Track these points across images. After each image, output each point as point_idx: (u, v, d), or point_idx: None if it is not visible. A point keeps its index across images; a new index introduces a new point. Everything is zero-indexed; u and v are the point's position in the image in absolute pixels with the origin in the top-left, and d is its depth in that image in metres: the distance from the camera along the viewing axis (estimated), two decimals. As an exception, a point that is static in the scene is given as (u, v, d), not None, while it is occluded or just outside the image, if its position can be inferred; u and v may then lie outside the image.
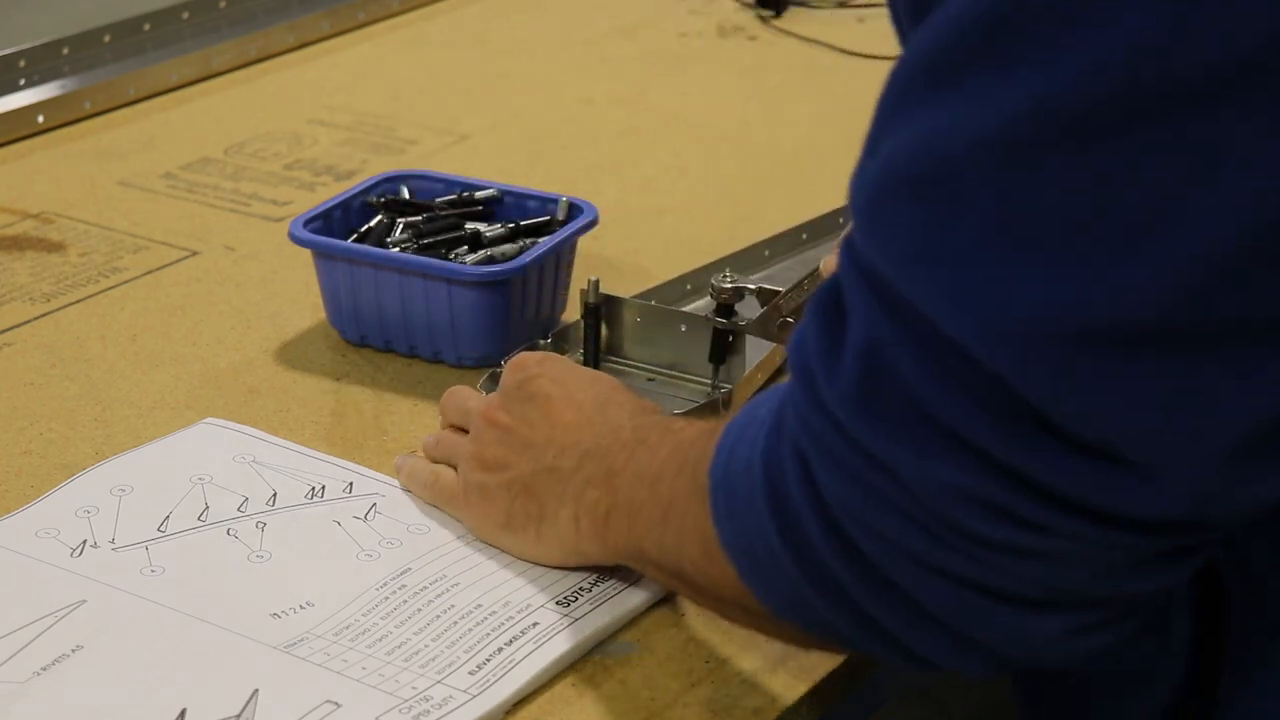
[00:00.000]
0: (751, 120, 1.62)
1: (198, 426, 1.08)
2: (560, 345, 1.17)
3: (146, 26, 1.67)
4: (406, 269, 1.14)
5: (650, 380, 1.15)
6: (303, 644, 0.89)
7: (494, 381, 1.07)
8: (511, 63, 1.75)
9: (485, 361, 1.13)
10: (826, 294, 0.73)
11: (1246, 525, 0.75)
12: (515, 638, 0.90)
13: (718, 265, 1.26)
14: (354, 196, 1.22)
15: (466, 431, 1.00)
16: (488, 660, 0.88)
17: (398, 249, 1.17)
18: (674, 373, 1.15)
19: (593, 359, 1.16)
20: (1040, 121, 0.64)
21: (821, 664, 0.90)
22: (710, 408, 1.09)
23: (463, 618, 0.91)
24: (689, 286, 1.23)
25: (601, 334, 1.16)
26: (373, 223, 1.21)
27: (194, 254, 1.32)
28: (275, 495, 1.01)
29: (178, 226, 1.36)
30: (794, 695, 0.88)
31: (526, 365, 0.98)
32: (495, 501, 0.95)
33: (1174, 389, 0.65)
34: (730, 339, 1.12)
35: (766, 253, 1.30)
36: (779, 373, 1.14)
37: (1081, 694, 0.88)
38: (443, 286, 1.13)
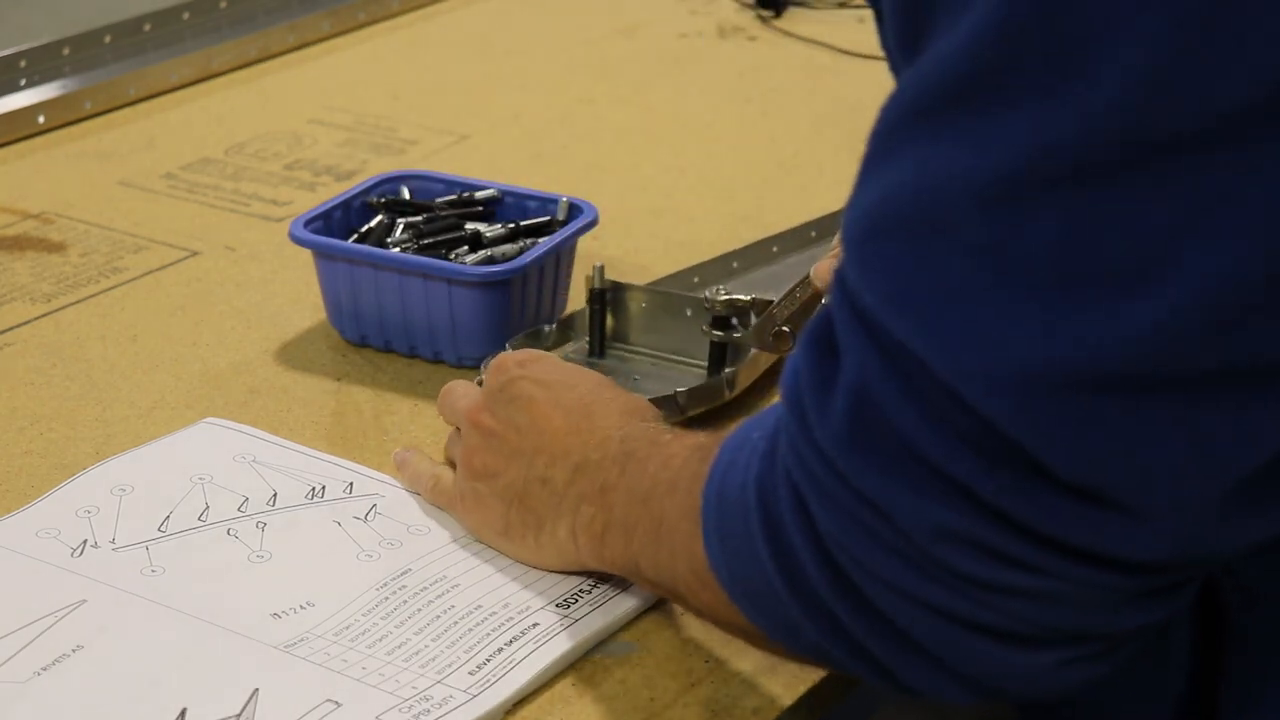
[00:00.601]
0: (751, 120, 1.62)
1: (198, 426, 1.08)
2: (566, 332, 1.17)
3: (147, 27, 1.67)
4: (407, 269, 1.14)
5: (654, 365, 1.16)
6: (303, 644, 0.89)
7: None
8: (511, 63, 1.75)
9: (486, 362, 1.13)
10: (819, 327, 0.73)
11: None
12: (515, 638, 0.90)
13: (725, 260, 1.26)
14: (354, 197, 1.22)
15: (463, 431, 1.00)
16: (488, 660, 0.88)
17: (398, 249, 1.17)
18: (679, 358, 1.16)
19: (598, 345, 1.16)
20: (1034, 165, 0.64)
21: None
22: (713, 389, 1.09)
23: (463, 618, 0.91)
24: (696, 279, 1.23)
25: (607, 321, 1.16)
26: (373, 223, 1.21)
27: (194, 254, 1.32)
28: (275, 495, 1.01)
29: (178, 226, 1.36)
30: (793, 696, 0.88)
31: (507, 367, 0.98)
32: (491, 509, 0.95)
33: (1166, 434, 0.65)
34: (730, 351, 1.12)
35: (775, 249, 1.30)
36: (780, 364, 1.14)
37: (1081, 712, 0.88)
38: (443, 286, 1.13)
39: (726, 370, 1.11)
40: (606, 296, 1.16)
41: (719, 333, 1.12)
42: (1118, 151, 0.63)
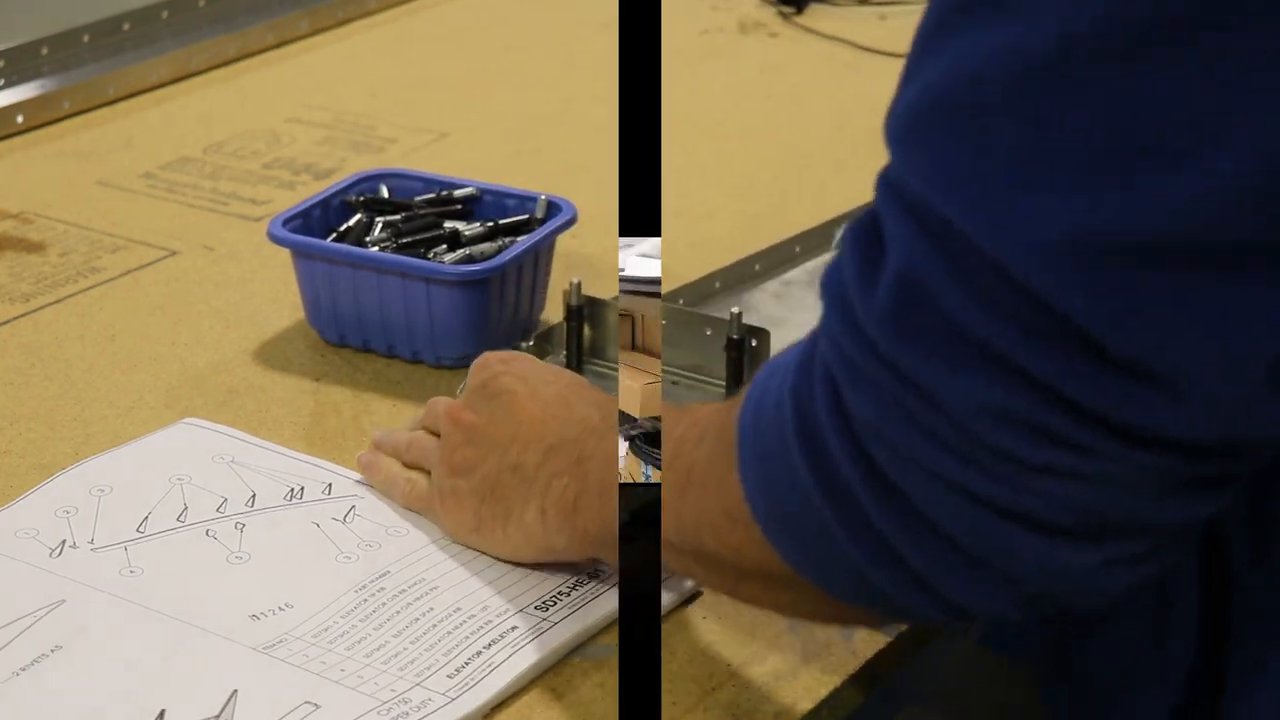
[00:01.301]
0: (772, 117, 1.62)
1: (177, 426, 1.08)
2: (543, 347, 1.16)
3: (126, 26, 1.67)
4: (385, 268, 1.14)
5: None
6: (282, 645, 0.89)
7: None
8: (499, 60, 1.75)
9: (464, 362, 1.12)
10: (863, 224, 0.72)
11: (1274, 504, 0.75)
12: (494, 641, 0.90)
13: (747, 263, 1.25)
14: (333, 195, 1.22)
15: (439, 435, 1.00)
16: (466, 663, 0.88)
17: (377, 248, 1.17)
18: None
19: (575, 361, 1.16)
20: (1076, 43, 0.64)
21: (840, 667, 0.90)
22: None
23: (441, 621, 0.91)
24: (718, 284, 1.23)
25: (585, 336, 1.16)
26: (351, 222, 1.21)
27: (173, 254, 1.32)
28: (254, 496, 1.01)
29: (157, 226, 1.36)
30: (814, 700, 0.88)
31: (489, 364, 0.98)
32: (466, 507, 0.95)
33: (1209, 306, 0.65)
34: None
35: (798, 249, 1.30)
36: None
37: (1091, 693, 0.88)
38: (421, 286, 1.13)
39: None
40: (584, 312, 1.16)
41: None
42: (1161, 24, 0.63)
